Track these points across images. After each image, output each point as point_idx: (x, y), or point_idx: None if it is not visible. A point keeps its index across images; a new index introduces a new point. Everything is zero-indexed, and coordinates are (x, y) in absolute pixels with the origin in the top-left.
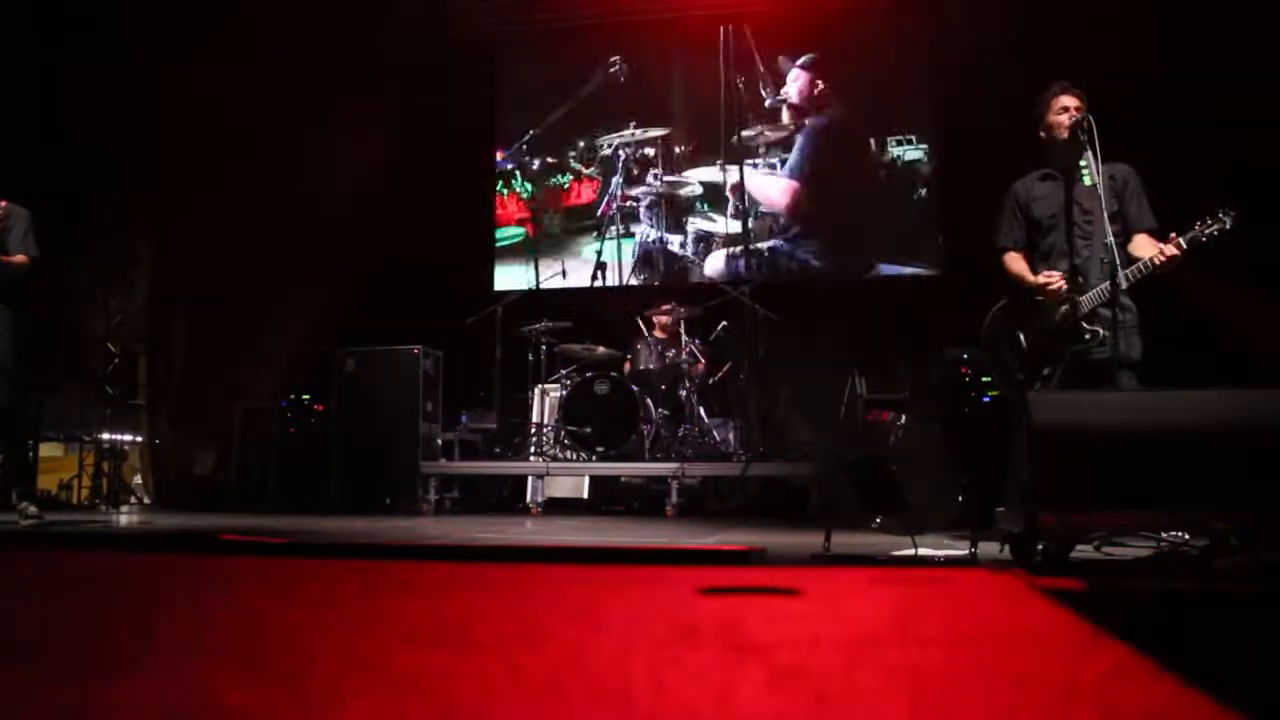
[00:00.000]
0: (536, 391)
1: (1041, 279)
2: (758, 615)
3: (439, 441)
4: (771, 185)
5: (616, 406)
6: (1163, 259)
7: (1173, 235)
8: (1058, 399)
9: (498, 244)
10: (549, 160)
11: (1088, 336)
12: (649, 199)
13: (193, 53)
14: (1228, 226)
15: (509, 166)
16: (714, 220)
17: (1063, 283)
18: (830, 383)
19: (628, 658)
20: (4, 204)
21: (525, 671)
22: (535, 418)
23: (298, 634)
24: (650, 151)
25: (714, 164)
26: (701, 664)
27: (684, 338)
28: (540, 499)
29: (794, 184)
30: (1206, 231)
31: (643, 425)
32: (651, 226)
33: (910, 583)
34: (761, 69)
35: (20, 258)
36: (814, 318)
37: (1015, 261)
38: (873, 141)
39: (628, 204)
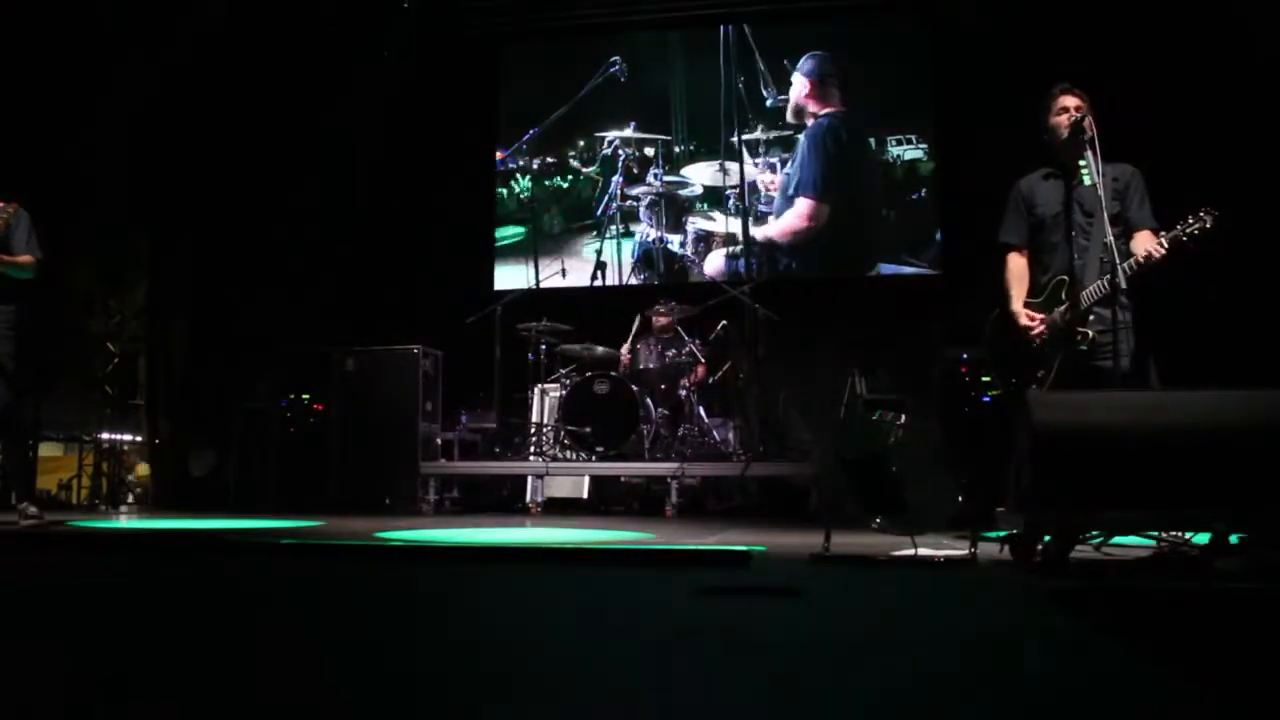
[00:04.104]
0: (536, 391)
1: (1023, 319)
2: (758, 615)
3: (439, 441)
4: (790, 217)
5: (616, 406)
6: (1142, 259)
7: (1158, 235)
8: (1058, 399)
9: (498, 244)
10: (549, 160)
11: (1078, 339)
12: (649, 198)
13: (193, 52)
14: (1209, 225)
15: (510, 165)
16: (714, 219)
17: (1043, 330)
18: (830, 383)
19: (628, 657)
20: (14, 206)
21: (525, 671)
22: (535, 418)
23: (298, 634)
24: (650, 151)
25: (715, 163)
26: (701, 664)
27: (684, 337)
28: (540, 499)
29: (809, 202)
30: (1188, 230)
31: (642, 425)
32: (651, 226)
33: (910, 582)
34: (762, 68)
35: (26, 258)
36: (814, 318)
37: (1012, 270)
38: (872, 141)
39: (627, 203)
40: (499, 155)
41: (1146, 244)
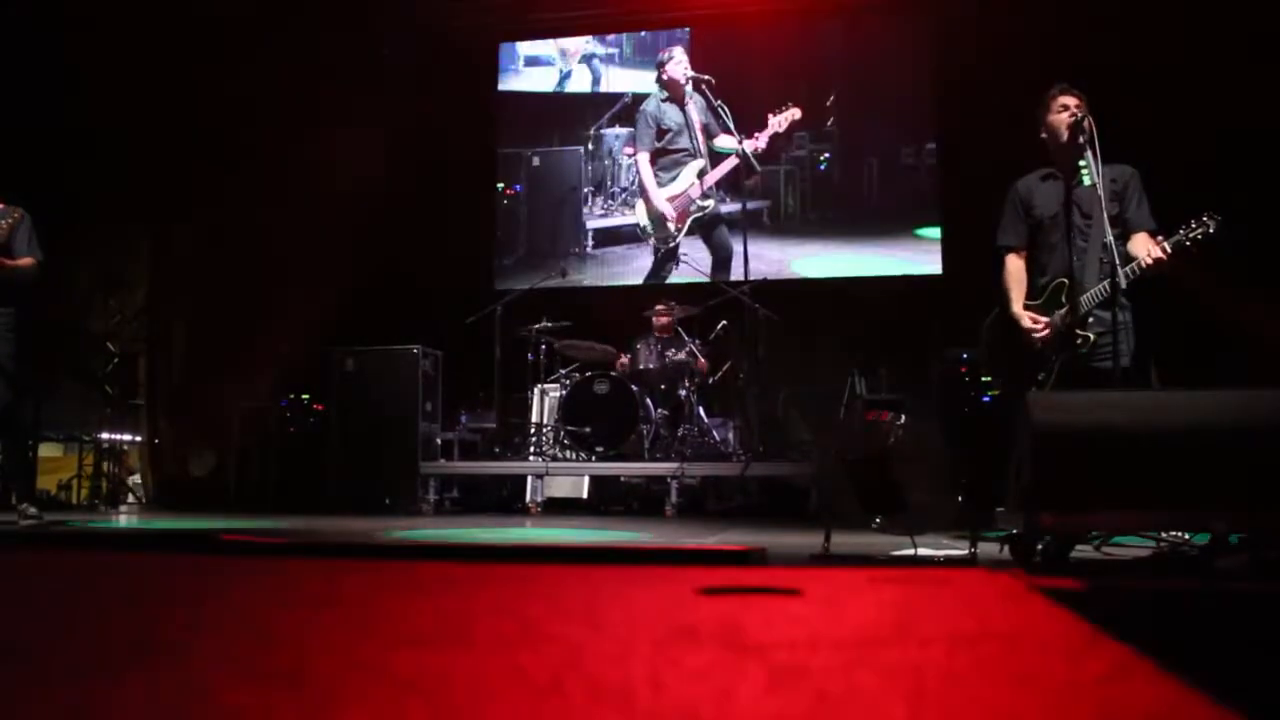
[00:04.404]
0: (536, 391)
1: (1027, 322)
2: (758, 615)
3: (439, 441)
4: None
5: (616, 406)
6: (1149, 262)
7: (1158, 239)
8: (1058, 399)
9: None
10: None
11: (1079, 342)
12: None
13: (192, 53)
14: (1211, 231)
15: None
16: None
17: (1047, 334)
18: (830, 383)
19: (628, 658)
20: (18, 211)
21: (525, 671)
22: (535, 417)
23: (298, 634)
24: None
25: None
26: (701, 664)
27: (684, 337)
28: (540, 499)
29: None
30: (1191, 236)
31: (642, 425)
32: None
33: (910, 583)
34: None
35: (28, 261)
36: (814, 318)
37: (1011, 272)
38: (872, 141)
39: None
40: (499, 153)
41: (1147, 247)
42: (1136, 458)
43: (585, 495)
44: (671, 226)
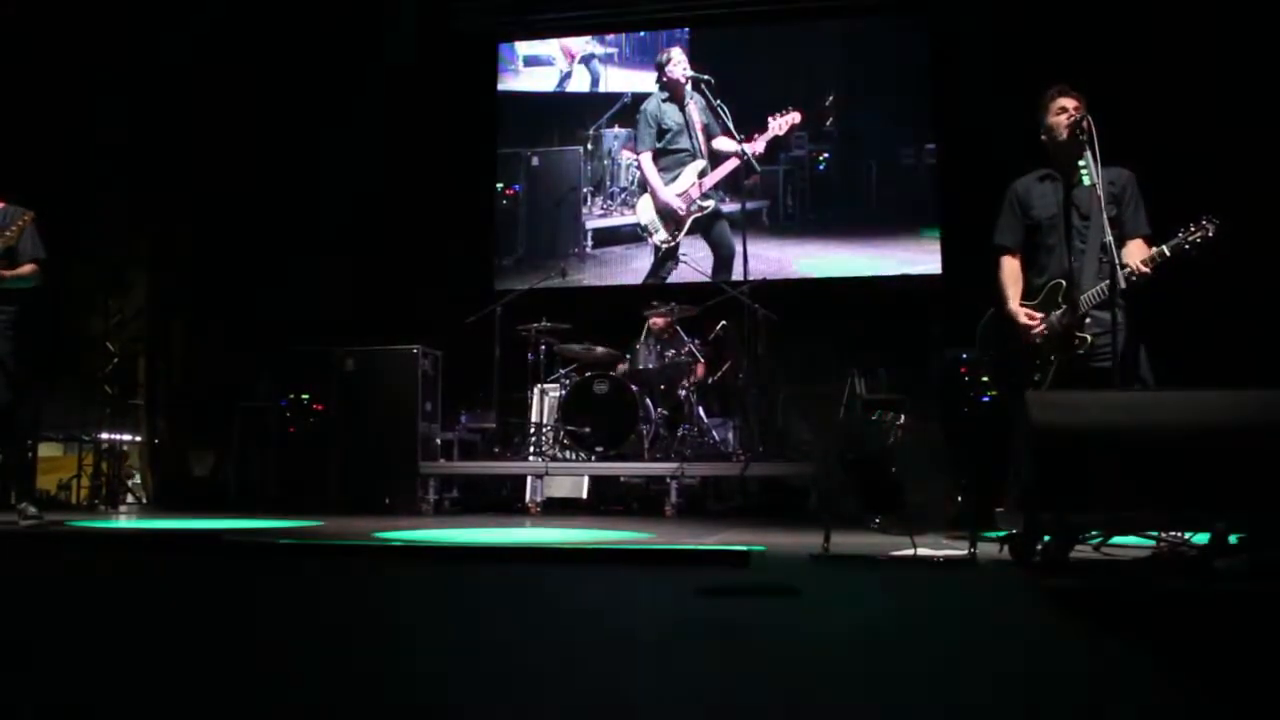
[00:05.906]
0: (536, 391)
1: (1023, 318)
2: (757, 615)
3: (438, 441)
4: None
5: (616, 406)
6: (1146, 268)
7: (1152, 249)
8: (1057, 399)
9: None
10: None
11: (1077, 344)
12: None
13: (193, 53)
14: (1211, 235)
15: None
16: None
17: (1043, 330)
18: (830, 383)
19: (628, 658)
20: (29, 214)
21: (525, 671)
22: (535, 417)
23: (297, 634)
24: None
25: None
26: (700, 664)
27: (684, 337)
28: (540, 499)
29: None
30: (1190, 239)
31: (642, 425)
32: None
33: (910, 582)
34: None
35: (30, 268)
36: (814, 318)
37: (1007, 272)
38: (873, 141)
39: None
40: (499, 153)
41: (1144, 252)
42: (1136, 458)
43: (585, 495)
44: (679, 216)
